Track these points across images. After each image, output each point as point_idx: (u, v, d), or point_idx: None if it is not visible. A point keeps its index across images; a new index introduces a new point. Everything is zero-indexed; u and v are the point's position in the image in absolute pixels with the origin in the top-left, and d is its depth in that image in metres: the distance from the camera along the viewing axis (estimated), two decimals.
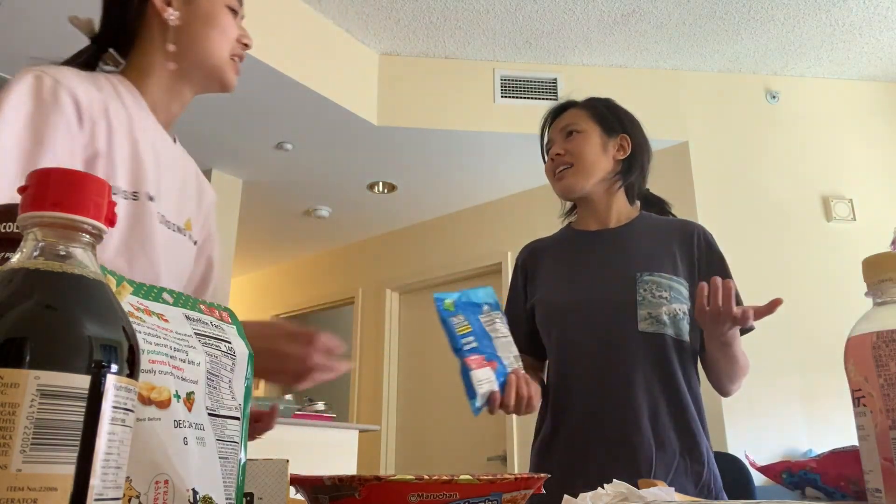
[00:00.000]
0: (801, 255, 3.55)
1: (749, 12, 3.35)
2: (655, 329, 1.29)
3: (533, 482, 0.56)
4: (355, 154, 3.93)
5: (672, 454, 1.24)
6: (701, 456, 1.27)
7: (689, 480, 1.24)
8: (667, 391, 1.28)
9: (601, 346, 1.31)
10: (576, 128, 1.44)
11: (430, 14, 3.40)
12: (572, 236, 1.48)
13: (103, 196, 0.37)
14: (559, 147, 1.44)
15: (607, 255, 1.39)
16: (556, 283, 1.41)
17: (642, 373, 1.28)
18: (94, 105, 0.92)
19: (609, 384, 1.28)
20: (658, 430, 1.25)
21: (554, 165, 1.44)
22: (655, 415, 1.26)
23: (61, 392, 0.31)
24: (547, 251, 1.49)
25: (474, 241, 4.55)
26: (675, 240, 1.39)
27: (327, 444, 3.42)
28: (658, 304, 1.30)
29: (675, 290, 1.32)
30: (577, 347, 1.33)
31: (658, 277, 1.32)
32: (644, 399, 1.26)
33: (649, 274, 1.32)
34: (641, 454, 1.23)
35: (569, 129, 1.45)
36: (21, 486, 0.30)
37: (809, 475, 0.66)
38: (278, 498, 0.53)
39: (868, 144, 3.79)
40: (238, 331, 0.55)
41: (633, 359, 1.28)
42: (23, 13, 2.78)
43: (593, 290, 1.36)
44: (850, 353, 0.56)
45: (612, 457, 1.24)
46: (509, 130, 3.71)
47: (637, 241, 1.40)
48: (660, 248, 1.38)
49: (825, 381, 3.16)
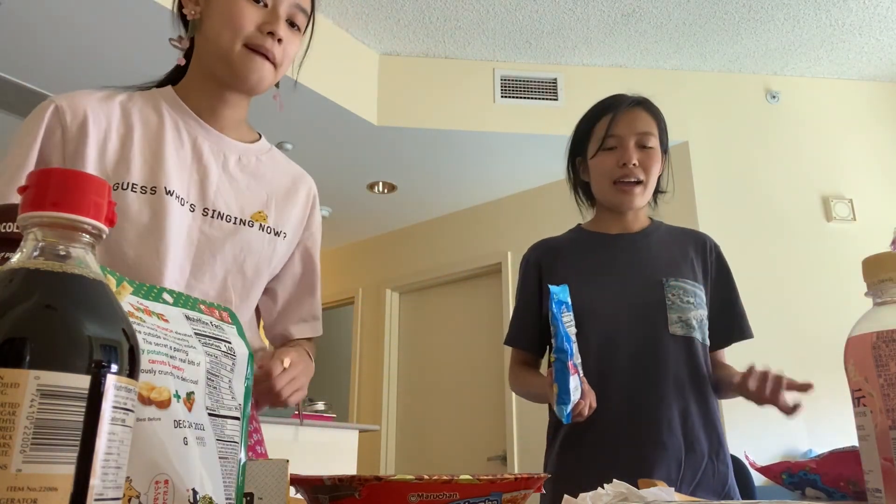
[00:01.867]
0: (801, 255, 3.55)
1: (749, 12, 3.35)
2: (686, 332, 1.30)
3: (533, 482, 0.56)
4: (355, 154, 3.93)
5: (701, 456, 1.26)
6: (725, 457, 1.31)
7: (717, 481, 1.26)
8: (696, 394, 1.30)
9: (637, 347, 1.30)
10: (649, 142, 1.37)
11: (430, 14, 3.40)
12: (590, 238, 1.45)
13: (103, 196, 0.37)
14: (634, 156, 1.35)
15: (632, 260, 1.38)
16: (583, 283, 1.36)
17: (674, 375, 1.29)
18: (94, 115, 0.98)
19: (643, 385, 1.28)
20: (688, 432, 1.26)
21: (624, 173, 1.35)
22: (686, 417, 1.27)
23: (61, 392, 0.31)
24: (562, 251, 1.46)
25: (474, 241, 4.55)
26: (690, 247, 1.42)
27: (327, 444, 3.42)
28: (687, 308, 1.31)
29: (698, 296, 1.35)
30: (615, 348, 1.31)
31: (683, 283, 1.34)
32: (676, 401, 1.27)
33: (675, 279, 1.34)
34: (673, 455, 1.24)
35: (645, 141, 1.36)
36: (21, 486, 0.30)
37: (809, 476, 0.66)
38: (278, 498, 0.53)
39: (868, 144, 3.79)
40: (238, 331, 0.55)
41: (666, 361, 1.29)
42: (23, 13, 2.78)
43: (625, 292, 1.35)
44: (850, 353, 0.56)
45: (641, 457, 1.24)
46: (509, 130, 3.71)
47: (658, 247, 1.40)
48: (679, 255, 1.40)
49: (825, 381, 3.16)
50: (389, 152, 3.93)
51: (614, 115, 1.37)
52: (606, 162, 1.37)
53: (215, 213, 1.02)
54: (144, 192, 0.96)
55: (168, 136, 1.01)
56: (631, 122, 1.36)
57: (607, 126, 1.37)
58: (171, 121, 1.03)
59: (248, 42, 0.99)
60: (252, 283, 1.06)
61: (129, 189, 0.95)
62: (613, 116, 1.37)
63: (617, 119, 1.37)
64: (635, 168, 1.34)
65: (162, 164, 0.99)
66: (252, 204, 1.07)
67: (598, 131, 1.39)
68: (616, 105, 1.39)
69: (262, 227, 1.07)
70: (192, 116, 1.05)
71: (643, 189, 1.36)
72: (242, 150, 1.09)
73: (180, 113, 1.04)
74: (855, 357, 0.55)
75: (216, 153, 1.05)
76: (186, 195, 1.00)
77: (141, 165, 0.97)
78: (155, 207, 0.96)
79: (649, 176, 1.36)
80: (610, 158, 1.36)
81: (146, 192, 0.96)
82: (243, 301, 1.06)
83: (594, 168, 1.40)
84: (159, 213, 0.96)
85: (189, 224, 0.99)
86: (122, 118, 1.00)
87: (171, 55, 1.13)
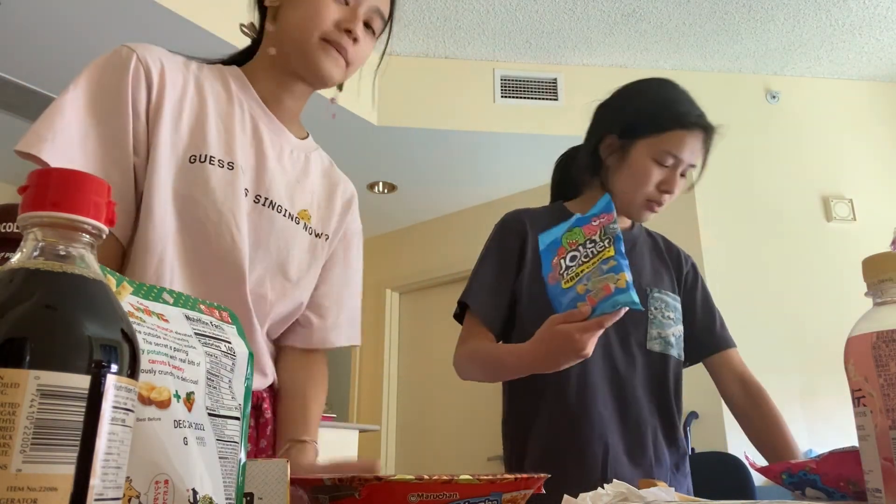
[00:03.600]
0: (801, 255, 3.55)
1: (749, 12, 3.35)
2: (663, 349, 1.27)
3: (533, 482, 0.56)
4: (355, 154, 3.93)
5: (666, 469, 1.25)
6: (686, 468, 1.30)
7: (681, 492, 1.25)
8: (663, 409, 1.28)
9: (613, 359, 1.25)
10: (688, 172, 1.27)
11: (430, 14, 3.40)
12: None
13: (103, 196, 0.37)
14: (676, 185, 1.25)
15: None
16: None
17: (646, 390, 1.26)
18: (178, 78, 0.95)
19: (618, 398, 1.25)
20: (657, 446, 1.25)
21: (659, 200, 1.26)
22: (655, 432, 1.25)
23: (61, 392, 0.31)
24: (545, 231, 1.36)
25: (474, 241, 4.53)
26: (666, 255, 1.38)
27: (327, 444, 3.41)
28: (667, 324, 1.28)
29: (677, 310, 1.31)
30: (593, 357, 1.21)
31: (665, 296, 1.30)
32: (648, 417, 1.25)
33: (658, 291, 1.30)
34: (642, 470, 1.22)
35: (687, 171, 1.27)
36: (21, 486, 0.30)
37: (809, 476, 0.66)
38: (278, 498, 0.53)
39: (868, 144, 3.79)
40: (238, 331, 0.55)
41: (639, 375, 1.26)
42: (23, 13, 2.78)
43: None
44: (850, 353, 0.56)
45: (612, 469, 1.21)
46: (509, 130, 3.71)
47: (641, 253, 1.35)
48: (659, 263, 1.36)
49: (825, 381, 3.16)
50: (389, 152, 3.93)
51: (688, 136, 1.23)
52: (653, 176, 1.24)
53: (267, 201, 1.00)
54: (222, 167, 0.94)
55: (236, 114, 1.00)
56: (694, 150, 1.24)
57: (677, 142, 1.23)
58: (237, 100, 1.02)
59: (325, 36, 0.99)
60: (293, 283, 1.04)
61: (208, 162, 0.93)
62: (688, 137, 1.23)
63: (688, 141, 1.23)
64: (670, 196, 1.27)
65: (234, 140, 0.98)
66: (300, 201, 1.06)
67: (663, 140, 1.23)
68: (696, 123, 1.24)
69: (307, 227, 1.06)
70: (257, 100, 1.04)
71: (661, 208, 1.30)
72: (295, 144, 1.09)
73: (246, 94, 1.03)
74: (855, 357, 0.55)
75: (274, 142, 1.04)
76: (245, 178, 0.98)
77: (217, 138, 0.96)
78: (233, 183, 0.94)
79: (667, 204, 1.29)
80: (657, 174, 1.24)
81: (223, 167, 0.94)
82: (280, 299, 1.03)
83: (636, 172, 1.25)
84: (236, 191, 0.94)
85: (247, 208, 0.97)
86: (195, 87, 0.97)
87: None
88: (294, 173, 1.07)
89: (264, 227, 0.99)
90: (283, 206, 1.02)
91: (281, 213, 1.01)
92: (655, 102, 1.27)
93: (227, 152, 0.96)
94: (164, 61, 0.94)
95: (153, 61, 0.93)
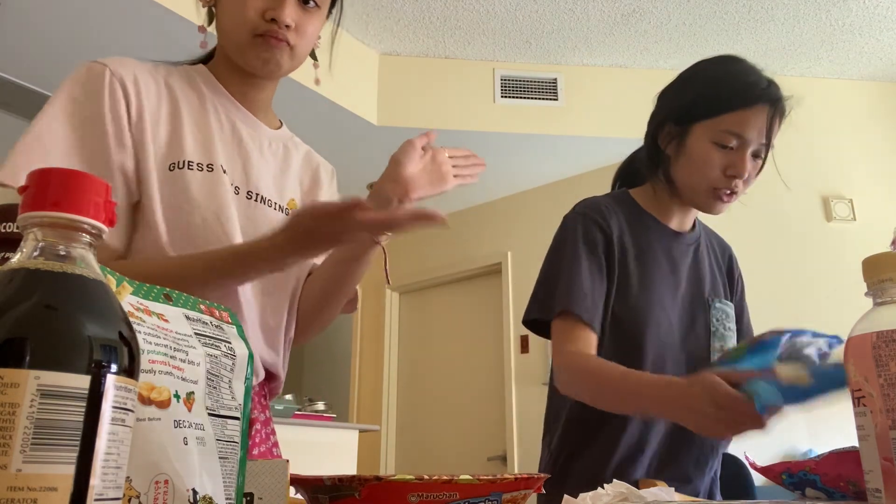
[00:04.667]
0: (801, 255, 3.55)
1: (749, 12, 3.35)
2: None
3: (533, 482, 0.56)
4: (355, 154, 3.93)
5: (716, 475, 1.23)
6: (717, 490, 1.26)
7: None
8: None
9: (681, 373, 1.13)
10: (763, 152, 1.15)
11: (430, 14, 3.40)
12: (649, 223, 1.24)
13: (103, 196, 0.37)
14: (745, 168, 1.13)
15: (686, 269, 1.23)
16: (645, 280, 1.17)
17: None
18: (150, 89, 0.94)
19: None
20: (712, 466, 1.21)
21: (728, 186, 1.14)
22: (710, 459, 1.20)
23: (61, 392, 0.31)
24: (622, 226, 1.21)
25: (474, 241, 4.55)
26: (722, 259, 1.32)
27: (327, 444, 3.42)
28: (728, 337, 1.21)
29: (733, 319, 1.24)
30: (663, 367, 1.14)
31: (725, 306, 1.23)
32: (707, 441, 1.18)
33: (719, 301, 1.23)
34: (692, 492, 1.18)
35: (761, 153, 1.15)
36: (21, 486, 0.30)
37: (809, 476, 0.66)
38: (278, 498, 0.53)
39: (868, 144, 3.79)
40: (238, 331, 0.55)
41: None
42: (23, 12, 2.78)
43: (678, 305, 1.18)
44: (850, 353, 0.56)
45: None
46: (509, 130, 3.71)
47: (704, 258, 1.27)
48: (717, 269, 1.29)
49: None
50: (389, 152, 3.91)
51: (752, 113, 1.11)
52: (715, 161, 1.13)
53: (258, 196, 1.00)
54: (202, 170, 0.94)
55: (211, 116, 1.00)
56: (763, 127, 1.11)
57: (738, 121, 1.11)
58: (210, 101, 1.01)
59: (255, 31, 0.96)
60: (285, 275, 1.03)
61: (187, 167, 0.92)
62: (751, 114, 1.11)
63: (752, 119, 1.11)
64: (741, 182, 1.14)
65: (212, 141, 0.97)
66: (285, 192, 1.06)
67: (725, 120, 1.12)
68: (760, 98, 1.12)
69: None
70: (228, 97, 1.03)
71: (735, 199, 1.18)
72: (272, 136, 1.09)
73: (217, 93, 1.03)
74: (855, 357, 0.55)
75: (253, 137, 1.04)
76: (231, 176, 0.98)
77: (193, 143, 0.95)
78: (215, 185, 0.94)
79: (746, 188, 1.17)
80: (721, 159, 1.13)
81: (203, 170, 0.94)
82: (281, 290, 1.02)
83: (698, 157, 1.15)
84: (219, 191, 0.94)
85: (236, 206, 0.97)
86: (168, 94, 0.97)
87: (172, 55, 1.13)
88: (277, 165, 1.07)
89: (260, 220, 0.99)
90: (272, 199, 1.02)
91: (271, 206, 1.01)
92: (712, 81, 1.17)
93: (206, 154, 0.95)
94: (137, 72, 0.94)
95: (126, 74, 0.92)
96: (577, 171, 4.05)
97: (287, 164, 1.09)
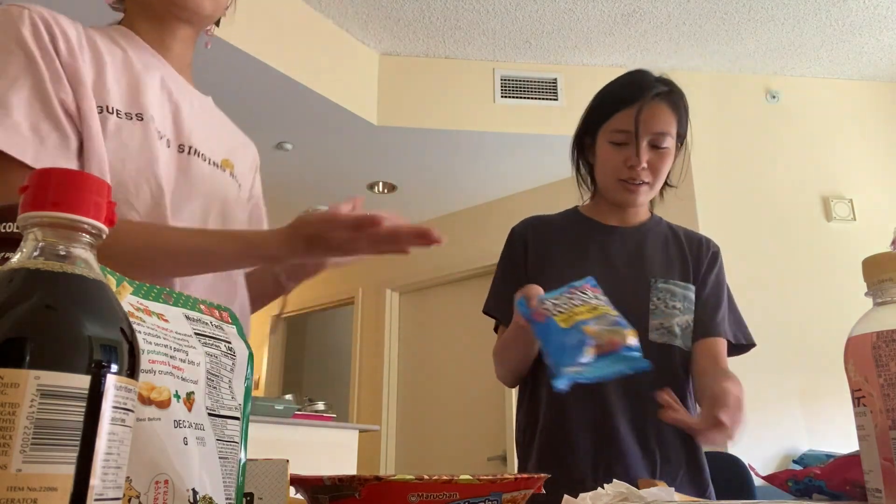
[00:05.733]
0: (801, 255, 3.55)
1: (749, 12, 3.35)
2: (666, 340, 1.25)
3: (533, 482, 0.56)
4: (355, 154, 3.93)
5: (677, 466, 1.23)
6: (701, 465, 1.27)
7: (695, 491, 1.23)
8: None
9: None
10: (664, 142, 1.27)
11: (430, 14, 3.40)
12: (584, 225, 1.39)
13: (103, 196, 0.37)
14: (645, 157, 1.25)
15: (623, 256, 1.33)
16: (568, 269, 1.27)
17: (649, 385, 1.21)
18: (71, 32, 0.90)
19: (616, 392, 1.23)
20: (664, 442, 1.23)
21: (630, 175, 1.27)
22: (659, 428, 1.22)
23: (61, 392, 0.31)
24: (553, 229, 1.40)
25: (474, 241, 4.55)
26: (687, 246, 1.37)
27: (327, 444, 3.42)
28: (671, 314, 1.26)
29: (687, 299, 1.29)
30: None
31: (672, 286, 1.29)
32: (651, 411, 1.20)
33: (664, 281, 1.29)
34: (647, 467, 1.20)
35: (659, 141, 1.27)
36: (21, 486, 0.30)
37: (814, 482, 0.66)
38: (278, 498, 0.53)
39: (868, 144, 3.80)
40: (238, 331, 0.55)
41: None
42: None
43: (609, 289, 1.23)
44: (850, 353, 0.56)
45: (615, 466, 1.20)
46: (509, 130, 3.71)
47: (653, 245, 1.35)
48: (675, 254, 1.35)
49: (825, 381, 3.16)
50: (389, 152, 3.93)
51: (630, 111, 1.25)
52: (614, 157, 1.28)
53: (192, 149, 0.97)
54: (130, 119, 0.90)
55: (138, 67, 0.96)
56: (649, 120, 1.25)
57: (623, 119, 1.26)
58: (134, 55, 0.97)
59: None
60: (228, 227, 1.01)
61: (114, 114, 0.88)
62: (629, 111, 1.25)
63: (633, 114, 1.25)
64: (643, 171, 1.26)
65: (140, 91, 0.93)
66: (219, 149, 1.03)
67: (612, 122, 1.28)
68: (637, 97, 1.26)
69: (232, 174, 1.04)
70: (151, 52, 1.00)
71: (649, 189, 1.30)
72: (196, 94, 1.05)
73: (139, 49, 0.98)
74: (855, 357, 0.55)
75: (181, 92, 1.01)
76: (163, 128, 0.94)
77: (118, 91, 0.91)
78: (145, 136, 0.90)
79: (657, 178, 1.29)
80: (618, 155, 1.27)
81: (132, 119, 0.90)
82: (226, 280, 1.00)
83: (601, 160, 1.32)
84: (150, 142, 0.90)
85: (167, 159, 0.93)
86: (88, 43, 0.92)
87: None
88: (208, 122, 1.04)
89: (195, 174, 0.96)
90: (205, 153, 0.99)
91: (206, 161, 0.99)
92: (604, 93, 1.35)
93: (134, 104, 0.92)
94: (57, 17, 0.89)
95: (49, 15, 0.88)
96: None
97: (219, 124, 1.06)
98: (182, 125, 0.97)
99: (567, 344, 0.90)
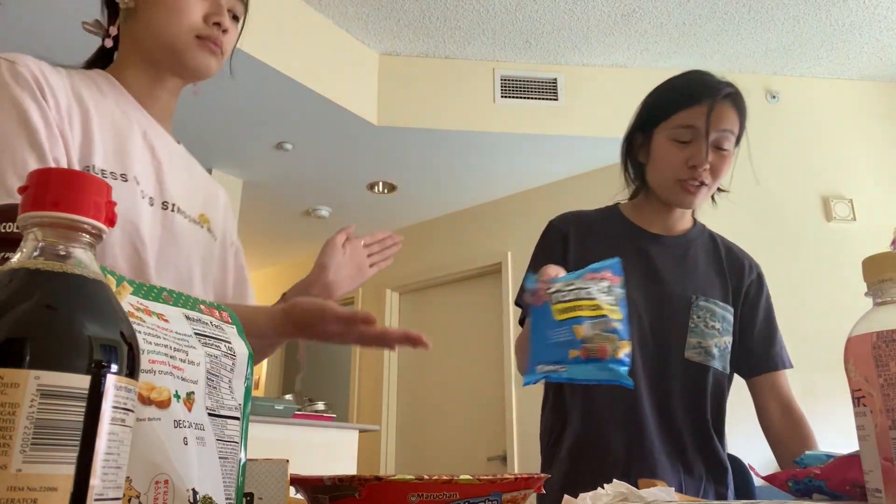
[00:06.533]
0: (801, 255, 3.54)
1: (749, 12, 3.35)
2: (702, 360, 1.24)
3: (533, 482, 0.56)
4: (355, 154, 3.93)
5: (699, 479, 1.23)
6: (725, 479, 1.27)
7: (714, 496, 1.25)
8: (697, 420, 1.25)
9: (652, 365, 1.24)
10: (726, 143, 1.25)
11: (430, 14, 3.40)
12: (627, 228, 1.34)
13: (103, 196, 0.37)
14: (707, 158, 1.22)
15: (666, 269, 1.29)
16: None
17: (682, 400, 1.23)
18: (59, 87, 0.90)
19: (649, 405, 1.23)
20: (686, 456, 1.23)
21: (691, 175, 1.23)
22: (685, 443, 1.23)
23: (61, 392, 0.31)
24: (595, 229, 1.34)
25: (474, 241, 4.55)
26: (727, 267, 1.34)
27: (327, 444, 3.42)
28: (710, 334, 1.24)
29: (727, 321, 1.28)
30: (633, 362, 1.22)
31: (713, 305, 1.26)
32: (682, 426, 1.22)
33: (705, 299, 1.26)
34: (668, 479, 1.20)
35: (722, 142, 1.24)
36: (21, 486, 0.30)
37: (814, 482, 0.66)
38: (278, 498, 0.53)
39: (868, 144, 3.79)
40: (238, 331, 0.55)
41: (673, 385, 1.23)
42: (23, 12, 2.78)
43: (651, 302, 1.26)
44: (850, 353, 0.56)
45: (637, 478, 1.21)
46: (509, 130, 3.71)
47: (694, 259, 1.32)
48: (714, 271, 1.32)
49: (825, 381, 3.16)
50: (389, 152, 3.93)
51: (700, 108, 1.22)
52: (676, 156, 1.24)
53: (174, 207, 0.98)
54: (115, 179, 0.91)
55: (122, 123, 0.96)
56: (716, 119, 1.22)
57: (690, 115, 1.23)
58: (117, 107, 0.98)
59: (198, 34, 0.98)
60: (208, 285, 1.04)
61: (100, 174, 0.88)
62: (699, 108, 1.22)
63: (700, 112, 1.22)
64: (704, 171, 1.22)
65: (126, 150, 0.94)
66: (196, 205, 1.05)
67: (677, 118, 1.24)
68: (706, 95, 1.23)
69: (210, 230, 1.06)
70: (134, 104, 1.01)
71: (707, 191, 1.26)
72: (174, 146, 1.06)
73: (123, 99, 0.99)
74: (855, 357, 0.55)
75: (163, 147, 1.02)
76: (146, 187, 0.96)
77: (104, 150, 0.92)
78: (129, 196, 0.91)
79: (716, 180, 1.25)
80: (680, 153, 1.23)
81: (117, 179, 0.91)
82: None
83: (659, 156, 1.27)
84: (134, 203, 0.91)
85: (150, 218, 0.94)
86: (74, 96, 0.92)
87: None
88: (185, 176, 1.05)
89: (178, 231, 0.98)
90: (185, 210, 1.01)
91: (185, 217, 1.01)
92: (666, 89, 1.32)
93: (119, 163, 0.93)
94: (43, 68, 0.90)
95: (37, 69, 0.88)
96: (577, 170, 4.05)
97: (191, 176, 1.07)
98: (165, 183, 0.99)
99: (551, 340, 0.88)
